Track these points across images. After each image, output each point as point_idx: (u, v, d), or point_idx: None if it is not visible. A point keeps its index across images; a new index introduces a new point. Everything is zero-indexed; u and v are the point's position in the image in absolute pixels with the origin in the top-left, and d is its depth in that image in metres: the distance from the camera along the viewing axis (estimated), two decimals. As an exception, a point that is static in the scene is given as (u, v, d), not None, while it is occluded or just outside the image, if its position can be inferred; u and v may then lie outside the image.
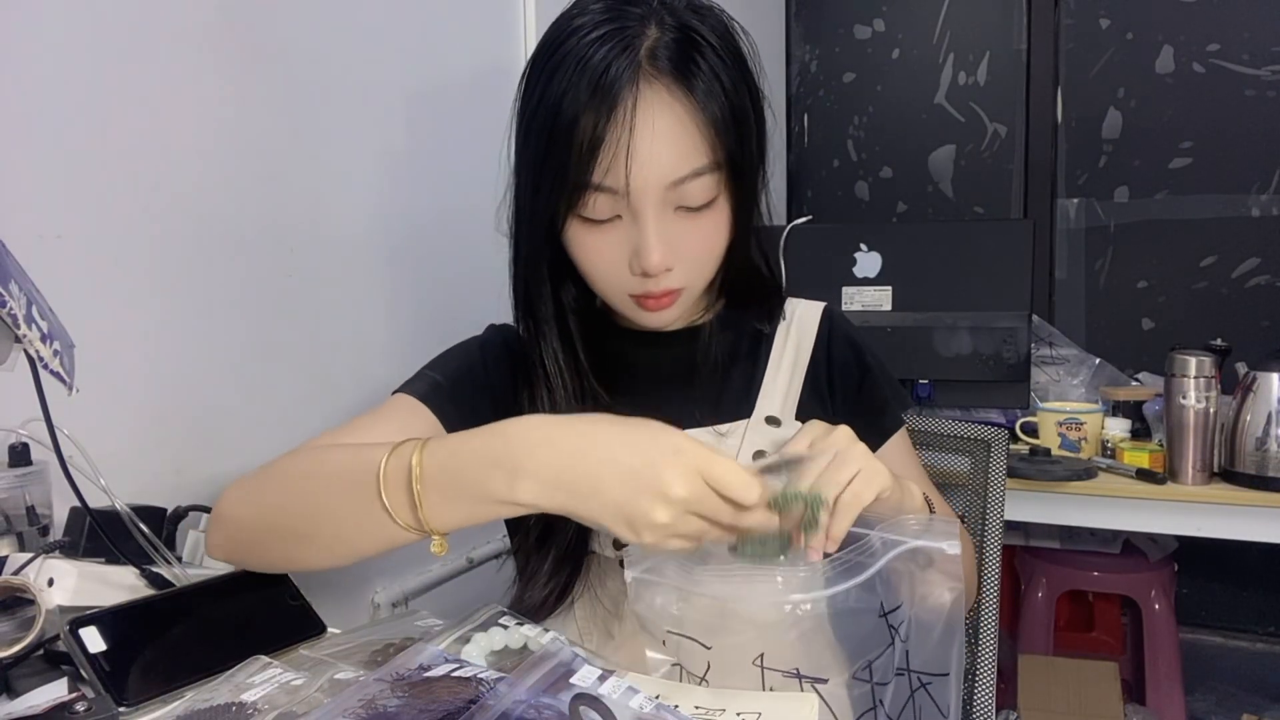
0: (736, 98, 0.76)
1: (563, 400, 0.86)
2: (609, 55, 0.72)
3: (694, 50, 0.74)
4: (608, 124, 0.72)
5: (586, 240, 0.80)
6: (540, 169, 0.77)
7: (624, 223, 0.78)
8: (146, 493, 0.90)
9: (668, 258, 0.77)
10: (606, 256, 0.80)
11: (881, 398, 0.93)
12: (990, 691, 1.08)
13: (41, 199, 0.87)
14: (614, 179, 0.74)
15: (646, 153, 0.73)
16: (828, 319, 0.94)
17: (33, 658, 0.67)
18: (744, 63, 0.79)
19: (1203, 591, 2.58)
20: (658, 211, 0.76)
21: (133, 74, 0.94)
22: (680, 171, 0.75)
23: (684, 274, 0.80)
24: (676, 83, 0.73)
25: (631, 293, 0.81)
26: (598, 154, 0.73)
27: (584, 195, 0.76)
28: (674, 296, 0.81)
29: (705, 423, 0.87)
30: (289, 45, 1.13)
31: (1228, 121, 2.44)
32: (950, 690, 0.66)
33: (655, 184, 0.74)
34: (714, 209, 0.79)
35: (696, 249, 0.80)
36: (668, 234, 0.77)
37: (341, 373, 1.21)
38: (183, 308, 1.01)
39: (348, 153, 1.23)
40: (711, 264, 0.83)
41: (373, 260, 1.28)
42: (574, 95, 0.73)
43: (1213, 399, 1.53)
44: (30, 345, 0.64)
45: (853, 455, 0.68)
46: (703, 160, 0.75)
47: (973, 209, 2.76)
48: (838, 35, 2.88)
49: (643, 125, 0.72)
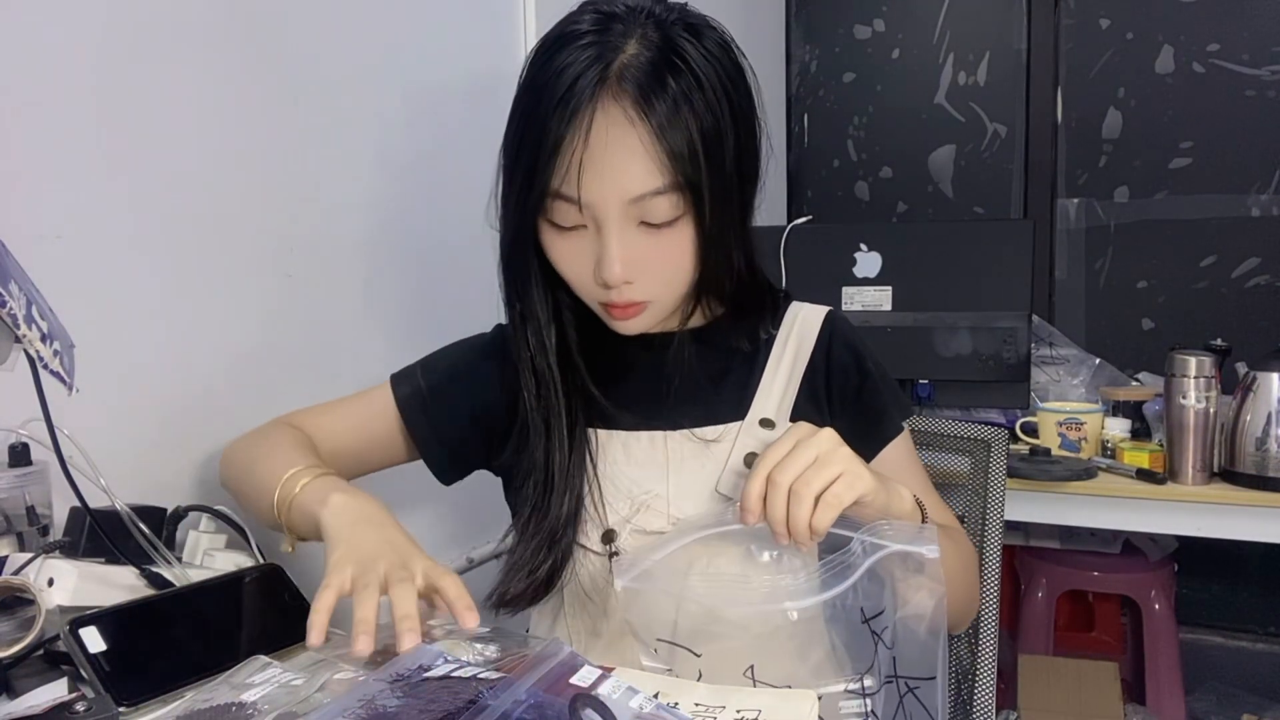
0: (710, 121, 0.74)
1: (550, 394, 0.86)
2: (582, 66, 0.72)
3: (667, 72, 0.73)
4: (566, 134, 0.72)
5: (555, 245, 0.80)
6: (514, 169, 0.78)
7: (588, 232, 0.77)
8: (146, 493, 0.90)
9: (628, 271, 0.77)
10: (574, 263, 0.80)
11: (880, 404, 0.92)
12: (990, 691, 1.08)
13: (41, 199, 0.87)
14: (569, 188, 0.74)
15: (600, 167, 0.73)
16: (830, 324, 0.93)
17: (33, 658, 0.67)
18: (734, 87, 0.77)
19: (1203, 591, 2.58)
20: (619, 225, 0.76)
21: (133, 74, 0.94)
22: (640, 189, 0.74)
23: (647, 288, 0.80)
24: (636, 105, 0.72)
25: (599, 300, 0.82)
26: (555, 162, 0.74)
27: (548, 201, 0.76)
28: (639, 308, 0.81)
29: (699, 424, 0.87)
30: (289, 46, 1.13)
31: (1228, 121, 2.44)
32: (937, 693, 0.66)
33: (612, 199, 0.74)
34: (678, 227, 0.77)
35: (659, 265, 0.79)
36: (630, 248, 0.76)
37: (341, 372, 1.21)
38: (183, 307, 1.01)
39: (348, 153, 1.23)
40: (678, 280, 0.81)
41: (373, 260, 1.28)
42: (546, 101, 0.73)
43: (1213, 399, 1.53)
44: (30, 345, 0.64)
45: (836, 457, 0.69)
46: (659, 182, 0.74)
47: (973, 209, 2.75)
48: (838, 35, 2.88)
49: (597, 141, 0.72)
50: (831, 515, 0.67)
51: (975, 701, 1.08)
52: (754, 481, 0.70)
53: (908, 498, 0.75)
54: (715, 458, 0.85)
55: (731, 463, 0.85)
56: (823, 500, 0.67)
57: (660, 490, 0.85)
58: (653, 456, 0.87)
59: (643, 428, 0.87)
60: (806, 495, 0.67)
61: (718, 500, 0.83)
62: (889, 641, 0.68)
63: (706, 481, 0.85)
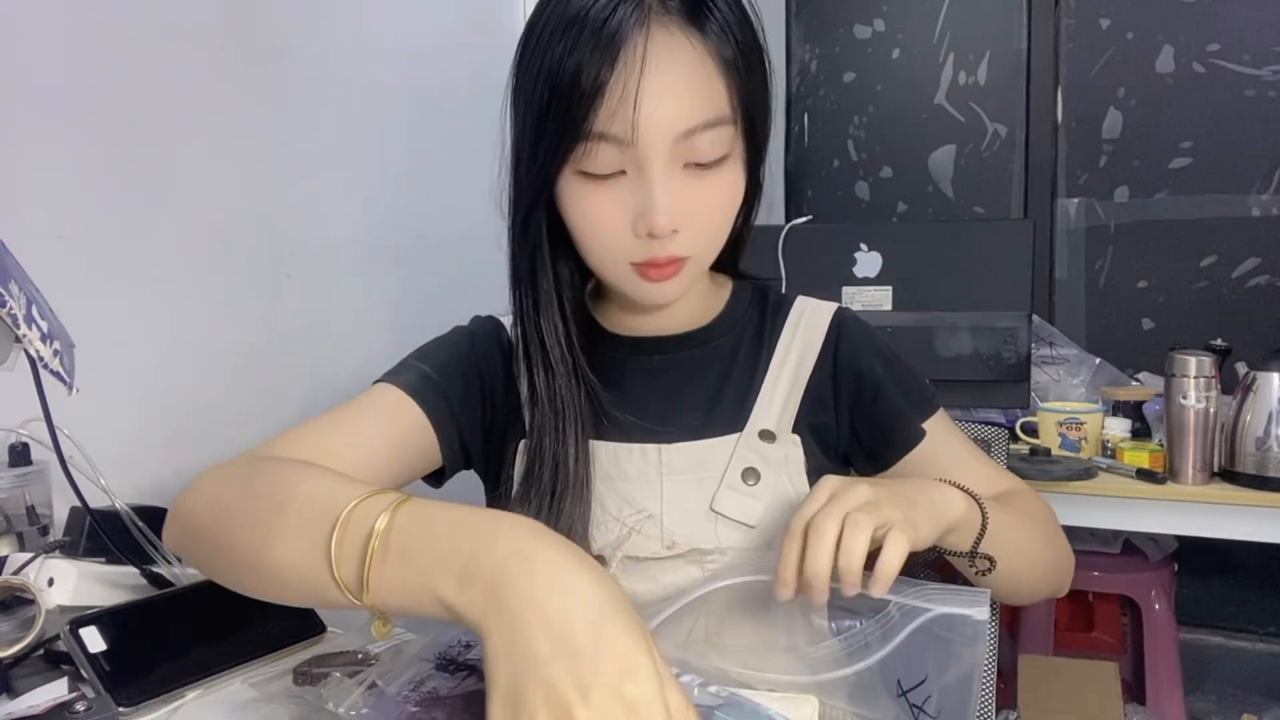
0: (750, 51, 0.73)
1: (564, 386, 0.80)
2: (613, 2, 0.68)
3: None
4: (613, 69, 0.67)
5: (586, 198, 0.73)
6: (540, 124, 0.71)
7: (628, 179, 0.71)
8: (146, 493, 0.90)
9: (676, 218, 0.71)
10: (607, 217, 0.73)
11: (897, 411, 0.85)
12: (990, 691, 1.08)
13: (41, 199, 0.87)
14: (620, 126, 0.68)
15: (656, 98, 0.68)
16: (838, 324, 0.87)
17: (33, 658, 0.67)
18: (754, 22, 0.75)
19: (1203, 591, 2.58)
20: (666, 166, 0.70)
21: (133, 75, 0.94)
22: (692, 120, 0.69)
23: (691, 240, 0.74)
24: (691, 24, 0.69)
25: (633, 260, 0.74)
26: (600, 99, 0.68)
27: (586, 145, 0.70)
28: (678, 266, 0.75)
29: (694, 436, 0.81)
30: (289, 48, 1.13)
31: (1228, 121, 2.44)
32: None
33: (665, 133, 0.69)
34: (726, 167, 0.73)
35: (706, 212, 0.74)
36: (676, 193, 0.71)
37: (341, 372, 1.21)
38: (183, 307, 1.01)
39: (347, 154, 1.23)
40: (721, 231, 0.77)
41: (371, 260, 1.28)
42: (578, 45, 0.68)
43: (1213, 399, 1.52)
44: (30, 345, 0.64)
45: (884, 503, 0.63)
46: (716, 110, 0.70)
47: (973, 209, 2.75)
48: (838, 35, 2.88)
49: (653, 68, 0.67)
50: (901, 552, 0.60)
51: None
52: (790, 545, 0.63)
53: (955, 501, 0.70)
54: (711, 473, 0.80)
55: (728, 479, 0.79)
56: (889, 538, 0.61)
57: (653, 509, 0.79)
58: (644, 471, 0.80)
59: (635, 439, 0.81)
60: (866, 523, 0.61)
61: (712, 520, 0.78)
62: (933, 711, 0.63)
63: (702, 500, 0.79)
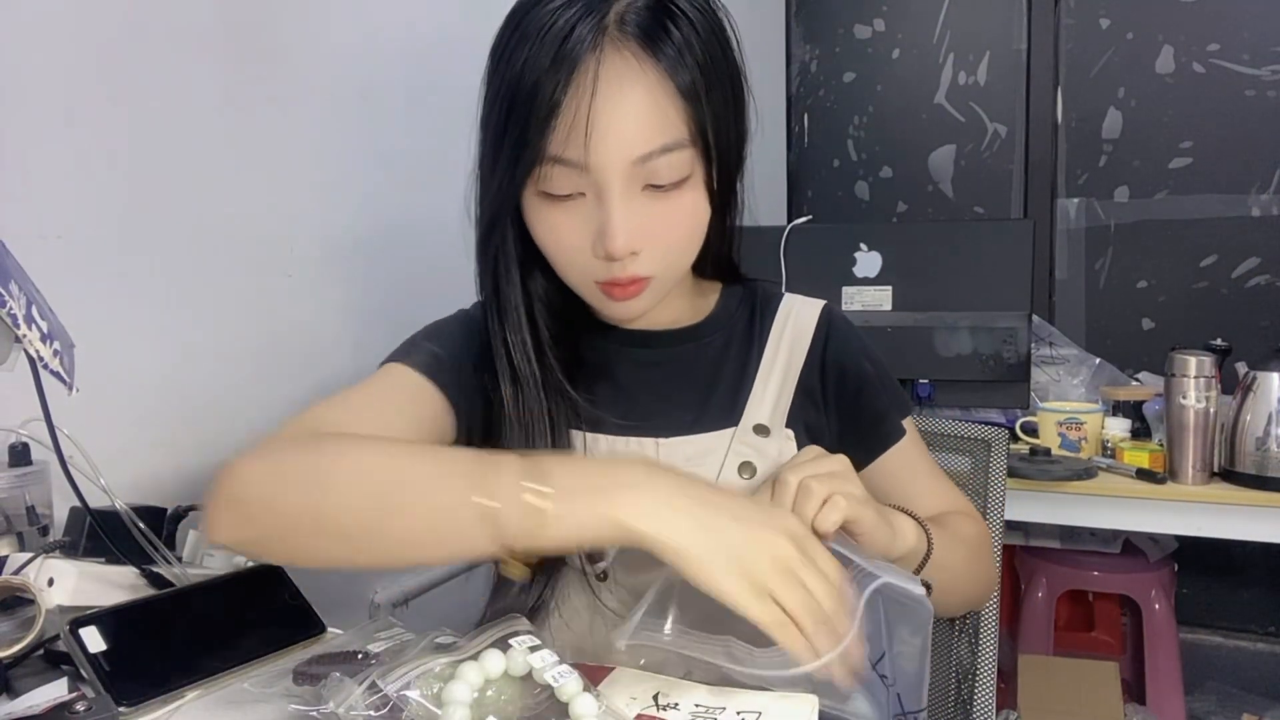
0: (713, 73, 0.71)
1: (531, 398, 0.79)
2: (573, 19, 0.67)
3: (667, 18, 0.69)
4: (566, 91, 0.66)
5: (547, 218, 0.73)
6: (500, 140, 0.72)
7: (587, 200, 0.71)
8: (146, 493, 0.90)
9: (634, 241, 0.71)
10: (567, 237, 0.73)
11: (880, 407, 0.88)
12: (990, 691, 1.08)
13: (41, 199, 0.87)
14: (573, 151, 0.68)
15: (608, 123, 0.67)
16: (825, 320, 0.89)
17: (33, 658, 0.67)
18: (725, 41, 0.73)
19: (1203, 591, 2.58)
20: (624, 189, 0.69)
21: (132, 74, 0.94)
22: (647, 146, 0.68)
23: (652, 261, 0.73)
24: (645, 49, 0.68)
25: (597, 279, 0.75)
26: (554, 122, 0.67)
27: (542, 167, 0.70)
28: (641, 285, 0.74)
29: (689, 430, 0.82)
30: (288, 47, 1.13)
31: (1228, 121, 2.44)
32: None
33: (619, 158, 0.68)
34: (686, 188, 0.72)
35: (666, 233, 0.73)
36: (635, 215, 0.70)
37: (341, 372, 1.21)
38: (182, 307, 1.01)
39: (347, 153, 1.23)
40: (684, 251, 0.77)
41: (372, 260, 1.28)
42: (535, 61, 0.67)
43: (1213, 399, 1.53)
44: (30, 345, 0.64)
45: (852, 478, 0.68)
46: (672, 135, 0.69)
47: (973, 209, 2.75)
48: (838, 35, 2.88)
49: (605, 93, 0.66)
50: (838, 516, 0.64)
51: (975, 701, 1.08)
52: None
53: (909, 534, 0.73)
54: (708, 467, 0.80)
55: (725, 473, 0.80)
56: (831, 502, 0.65)
57: None
58: None
59: (630, 433, 0.81)
60: (818, 490, 0.65)
61: None
62: (892, 679, 0.66)
63: None
